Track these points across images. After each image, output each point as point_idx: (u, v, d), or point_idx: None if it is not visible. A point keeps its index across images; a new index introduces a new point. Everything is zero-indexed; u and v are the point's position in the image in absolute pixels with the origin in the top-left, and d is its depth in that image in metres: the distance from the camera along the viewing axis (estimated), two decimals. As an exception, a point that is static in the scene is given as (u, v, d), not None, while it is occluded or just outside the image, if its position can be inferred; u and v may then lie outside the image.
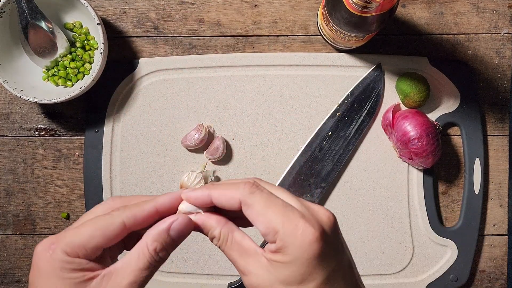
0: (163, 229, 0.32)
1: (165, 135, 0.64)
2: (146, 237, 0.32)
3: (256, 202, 0.31)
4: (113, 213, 0.32)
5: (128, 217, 0.32)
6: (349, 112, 0.63)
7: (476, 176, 0.63)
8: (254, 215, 0.31)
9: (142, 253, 0.31)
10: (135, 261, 0.31)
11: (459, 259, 0.63)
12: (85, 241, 0.31)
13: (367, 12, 0.49)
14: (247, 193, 0.32)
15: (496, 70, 0.65)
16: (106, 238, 0.31)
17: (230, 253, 0.33)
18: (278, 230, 0.30)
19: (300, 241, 0.30)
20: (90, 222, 0.32)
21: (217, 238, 0.33)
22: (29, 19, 0.58)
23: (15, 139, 0.65)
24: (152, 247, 0.31)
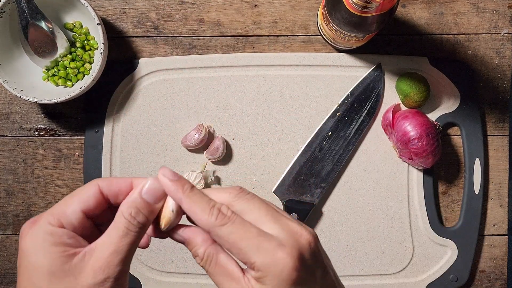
0: (135, 193, 0.32)
1: (165, 135, 0.64)
2: (120, 206, 0.32)
3: (228, 234, 0.30)
4: (90, 181, 0.33)
5: (103, 181, 0.33)
6: (349, 112, 0.63)
7: (476, 176, 0.63)
8: (227, 246, 0.31)
9: (119, 221, 0.31)
10: (113, 231, 0.31)
11: (459, 259, 0.63)
12: (64, 207, 0.31)
13: (367, 12, 0.49)
14: (218, 224, 0.31)
15: (496, 70, 0.65)
16: (84, 201, 0.32)
17: (213, 274, 0.32)
18: (254, 261, 0.30)
19: (279, 271, 0.30)
20: (69, 194, 0.33)
21: (200, 258, 0.32)
22: (29, 19, 0.58)
23: (15, 139, 0.65)
24: (127, 212, 0.31)
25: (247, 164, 0.64)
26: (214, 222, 0.31)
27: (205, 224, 0.31)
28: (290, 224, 0.32)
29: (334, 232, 0.63)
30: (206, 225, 0.31)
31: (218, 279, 0.32)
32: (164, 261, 0.63)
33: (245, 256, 0.30)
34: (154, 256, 0.63)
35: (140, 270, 0.63)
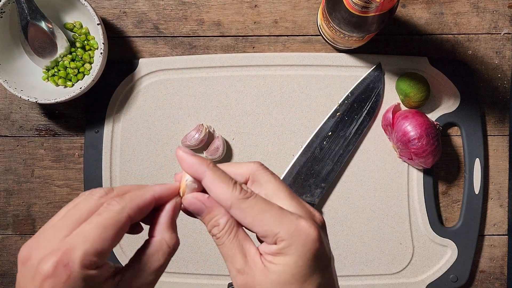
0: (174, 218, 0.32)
1: (165, 135, 0.64)
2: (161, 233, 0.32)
3: (250, 207, 0.30)
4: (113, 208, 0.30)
5: (133, 209, 0.30)
6: (349, 112, 0.63)
7: (476, 176, 0.63)
8: (248, 220, 0.30)
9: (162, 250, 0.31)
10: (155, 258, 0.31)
11: (459, 259, 0.63)
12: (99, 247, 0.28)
13: (367, 12, 0.49)
14: (241, 197, 0.31)
15: (496, 70, 0.65)
16: (117, 237, 0.29)
17: (229, 248, 0.31)
18: (277, 232, 0.30)
19: (304, 239, 0.30)
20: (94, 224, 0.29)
21: (222, 226, 0.31)
22: (29, 19, 0.58)
23: (15, 139, 0.65)
24: (173, 241, 0.31)
25: (247, 164, 0.64)
26: (238, 195, 0.30)
27: (228, 197, 0.30)
28: (304, 203, 0.33)
29: (334, 232, 0.63)
30: (229, 198, 0.30)
31: (232, 252, 0.31)
32: (164, 261, 0.63)
33: (269, 228, 0.30)
34: (154, 256, 0.63)
35: (140, 270, 0.63)
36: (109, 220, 0.29)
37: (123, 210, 0.30)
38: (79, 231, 0.28)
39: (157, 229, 0.32)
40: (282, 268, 0.30)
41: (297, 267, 0.29)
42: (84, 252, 0.27)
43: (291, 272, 0.29)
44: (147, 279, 0.30)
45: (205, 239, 0.63)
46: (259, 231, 0.30)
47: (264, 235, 0.30)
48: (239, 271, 0.31)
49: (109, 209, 0.30)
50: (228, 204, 0.31)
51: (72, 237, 0.28)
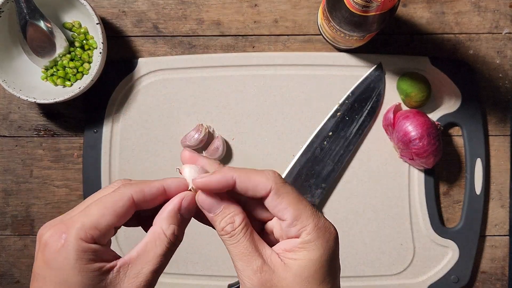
0: (175, 209, 0.31)
1: (165, 135, 0.64)
2: (159, 221, 0.31)
3: (287, 193, 0.31)
4: (120, 189, 0.31)
5: (137, 192, 0.31)
6: (349, 112, 0.63)
7: (477, 177, 0.63)
8: (283, 205, 0.31)
9: (159, 238, 0.30)
10: (152, 248, 0.30)
11: (460, 260, 0.63)
12: (96, 221, 0.29)
13: (367, 11, 0.48)
14: (280, 182, 0.31)
15: (497, 70, 0.64)
16: (117, 215, 0.30)
17: (246, 245, 0.30)
18: (307, 224, 0.30)
19: (328, 236, 0.30)
20: (98, 202, 0.30)
21: (238, 224, 0.31)
22: (28, 18, 0.58)
23: (14, 139, 0.65)
24: (170, 231, 0.31)
25: (247, 164, 0.63)
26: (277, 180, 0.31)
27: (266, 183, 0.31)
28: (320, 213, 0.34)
29: (334, 233, 0.63)
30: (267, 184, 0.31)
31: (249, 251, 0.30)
32: (164, 262, 0.63)
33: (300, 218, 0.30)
34: (153, 257, 0.63)
35: (140, 271, 0.63)
36: (111, 198, 0.30)
37: (127, 192, 0.30)
38: (85, 208, 0.30)
39: (157, 218, 0.31)
40: (305, 263, 0.30)
41: (320, 262, 0.30)
42: (81, 224, 0.29)
43: (314, 267, 0.30)
44: (144, 269, 0.30)
45: (205, 240, 0.63)
46: (290, 218, 0.31)
47: (293, 223, 0.30)
48: (257, 269, 0.30)
49: (116, 191, 0.31)
50: (268, 188, 0.31)
51: (77, 213, 0.30)
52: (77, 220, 0.29)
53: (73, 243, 0.28)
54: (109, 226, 0.30)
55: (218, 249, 0.63)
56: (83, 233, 0.28)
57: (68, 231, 0.28)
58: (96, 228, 0.29)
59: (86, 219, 0.29)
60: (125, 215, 0.30)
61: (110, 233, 0.30)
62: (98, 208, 0.30)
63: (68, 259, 0.28)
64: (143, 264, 0.30)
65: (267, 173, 0.31)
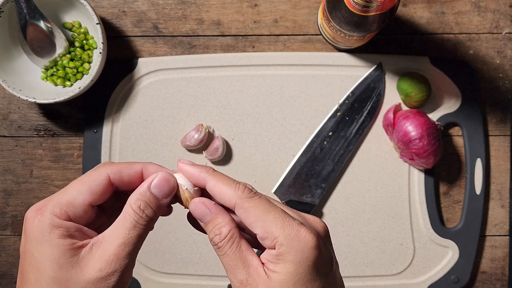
0: (144, 187, 0.32)
1: (165, 135, 0.64)
2: (129, 198, 0.32)
3: (254, 207, 0.31)
4: (99, 168, 0.32)
5: (114, 171, 0.32)
6: (349, 112, 0.63)
7: (477, 177, 0.63)
8: (251, 219, 0.30)
9: (127, 213, 0.31)
10: (122, 222, 0.31)
11: (460, 260, 0.63)
12: (71, 198, 0.31)
13: (368, 11, 0.48)
14: (245, 196, 0.31)
15: (497, 70, 0.64)
16: (93, 193, 0.31)
17: (231, 258, 0.31)
18: (277, 236, 0.30)
19: (302, 246, 0.29)
20: (76, 180, 0.32)
21: (224, 236, 0.31)
22: (28, 18, 0.58)
23: (14, 139, 0.65)
24: (136, 205, 0.31)
25: (247, 164, 0.63)
26: (241, 194, 0.31)
27: (232, 196, 0.31)
28: (305, 214, 0.33)
29: (334, 233, 0.63)
30: (233, 197, 0.31)
31: (234, 263, 0.31)
32: (164, 262, 0.63)
33: (269, 230, 0.30)
34: (153, 257, 0.63)
35: (139, 271, 0.63)
36: (89, 177, 0.32)
37: (104, 170, 0.32)
38: (64, 188, 0.32)
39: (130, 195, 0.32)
40: (283, 277, 0.29)
41: (298, 275, 0.29)
42: (57, 201, 0.30)
43: (293, 280, 0.29)
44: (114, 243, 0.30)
45: (205, 240, 0.63)
46: (260, 232, 0.30)
47: (263, 236, 0.30)
48: (241, 282, 0.30)
49: (95, 170, 0.32)
50: (233, 202, 0.31)
51: (56, 193, 0.32)
52: (55, 197, 0.31)
53: (48, 217, 0.30)
54: (84, 203, 0.31)
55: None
56: (58, 209, 0.30)
57: (45, 206, 0.30)
58: (71, 205, 0.31)
59: (63, 196, 0.31)
60: (102, 193, 0.32)
61: (88, 211, 0.31)
62: (75, 186, 0.31)
63: (42, 232, 0.30)
64: (113, 239, 0.31)
65: (236, 186, 0.31)
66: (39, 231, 0.30)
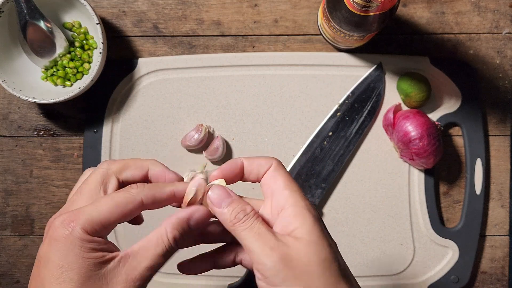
0: (184, 218, 0.33)
1: (165, 135, 0.64)
2: (166, 224, 0.33)
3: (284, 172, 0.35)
4: (132, 191, 0.33)
5: (147, 197, 0.33)
6: (349, 112, 0.63)
7: (477, 177, 0.63)
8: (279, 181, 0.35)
9: (161, 240, 0.32)
10: (153, 246, 0.32)
11: (460, 260, 0.63)
12: (104, 218, 0.31)
13: (368, 11, 0.48)
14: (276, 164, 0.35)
15: (497, 70, 0.64)
16: (124, 216, 0.32)
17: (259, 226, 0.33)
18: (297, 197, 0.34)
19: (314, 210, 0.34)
20: (108, 199, 0.32)
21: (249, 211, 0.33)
22: (28, 18, 0.58)
23: (14, 139, 0.65)
24: (172, 235, 0.32)
25: (247, 164, 0.63)
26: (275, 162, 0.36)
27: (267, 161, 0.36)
28: None
29: (334, 233, 0.63)
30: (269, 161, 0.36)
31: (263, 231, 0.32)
32: (164, 262, 0.63)
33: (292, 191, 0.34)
34: (153, 257, 0.63)
35: (140, 271, 0.63)
36: (123, 199, 0.32)
37: (138, 195, 0.33)
38: (95, 202, 0.32)
39: (165, 221, 0.33)
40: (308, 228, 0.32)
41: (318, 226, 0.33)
42: (90, 217, 0.31)
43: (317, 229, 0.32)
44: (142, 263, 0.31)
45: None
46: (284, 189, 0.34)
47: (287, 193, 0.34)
48: (274, 245, 0.32)
49: (128, 190, 0.33)
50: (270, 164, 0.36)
51: (87, 205, 0.32)
52: (86, 212, 0.31)
53: (79, 232, 0.30)
54: (114, 224, 0.32)
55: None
56: (89, 227, 0.31)
57: (76, 221, 0.30)
58: (102, 225, 0.31)
59: (94, 214, 0.31)
60: (131, 216, 0.33)
61: (113, 228, 0.32)
62: (108, 206, 0.32)
63: (73, 245, 0.30)
64: (141, 259, 0.31)
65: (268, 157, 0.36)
66: (70, 244, 0.30)
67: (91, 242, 0.30)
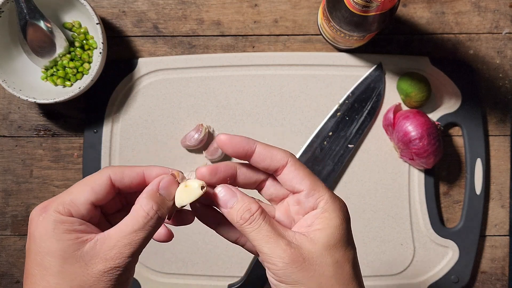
0: (154, 188, 0.33)
1: (165, 135, 0.64)
2: (138, 199, 0.33)
3: (303, 166, 0.34)
4: (101, 170, 0.34)
5: (115, 172, 0.33)
6: (349, 112, 0.63)
7: (477, 177, 0.63)
8: (301, 176, 0.33)
9: (137, 213, 0.32)
10: (130, 222, 0.32)
11: (461, 260, 0.63)
12: (74, 197, 0.32)
13: (368, 11, 0.48)
14: (295, 158, 0.34)
15: (497, 70, 0.64)
16: (95, 192, 0.32)
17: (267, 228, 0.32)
18: (324, 194, 0.33)
19: (342, 206, 0.34)
20: (79, 182, 0.33)
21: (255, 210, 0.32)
22: (28, 18, 0.58)
23: (14, 139, 0.65)
24: (148, 206, 0.32)
25: (247, 164, 0.63)
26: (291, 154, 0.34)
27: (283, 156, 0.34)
28: None
29: (334, 233, 0.63)
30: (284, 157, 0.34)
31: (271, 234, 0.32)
32: (164, 262, 0.63)
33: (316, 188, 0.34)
34: (153, 257, 0.63)
35: (139, 271, 0.63)
36: (91, 177, 0.33)
37: (106, 171, 0.33)
38: (68, 188, 0.33)
39: (138, 198, 0.33)
40: (330, 231, 0.32)
41: (342, 229, 0.33)
42: (61, 200, 0.32)
43: (338, 234, 0.32)
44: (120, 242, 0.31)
45: (205, 240, 0.63)
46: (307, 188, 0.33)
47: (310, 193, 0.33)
48: (285, 247, 0.31)
49: (98, 172, 0.34)
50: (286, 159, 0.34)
51: (61, 193, 0.33)
52: (58, 197, 0.32)
53: (51, 214, 0.31)
54: (86, 202, 0.32)
55: (218, 249, 0.63)
56: (61, 207, 0.31)
57: (49, 206, 0.32)
58: (74, 204, 0.32)
59: (66, 195, 0.32)
60: (104, 193, 0.33)
61: (90, 210, 0.32)
62: (78, 186, 0.33)
63: (46, 229, 0.31)
64: (119, 238, 0.31)
65: (283, 150, 0.35)
66: (44, 228, 0.31)
67: (64, 222, 0.31)
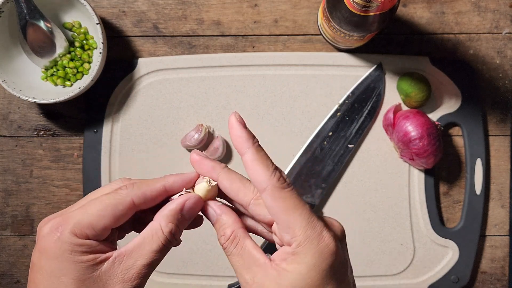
0: (177, 209, 0.32)
1: (165, 135, 0.64)
2: (159, 218, 0.31)
3: (283, 199, 0.30)
4: (121, 191, 0.31)
5: (138, 196, 0.31)
6: (349, 112, 0.63)
7: (477, 177, 0.63)
8: (276, 210, 0.30)
9: (156, 235, 0.31)
10: (148, 242, 0.31)
11: (461, 260, 0.63)
12: (93, 221, 0.30)
13: (368, 11, 0.48)
14: (278, 185, 0.30)
15: (497, 70, 0.64)
16: (115, 218, 0.30)
17: (236, 259, 0.31)
18: (298, 234, 0.29)
19: (321, 250, 0.29)
20: (98, 201, 0.31)
21: (227, 238, 0.31)
22: (28, 18, 0.58)
23: (14, 139, 0.65)
24: (168, 229, 0.31)
25: (247, 164, 0.63)
26: (275, 182, 0.30)
27: (264, 180, 0.30)
28: (323, 216, 0.32)
29: (334, 233, 0.63)
30: (265, 182, 0.30)
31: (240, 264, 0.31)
32: (164, 262, 0.63)
33: (292, 226, 0.29)
34: (153, 257, 0.63)
35: (140, 271, 0.63)
36: (112, 200, 0.31)
37: (128, 195, 0.31)
38: (85, 205, 0.31)
39: (157, 215, 0.32)
40: (295, 277, 0.29)
41: (310, 277, 0.29)
42: (78, 221, 0.30)
43: (304, 281, 0.29)
44: (138, 262, 0.30)
45: (205, 240, 0.63)
46: (281, 226, 0.30)
47: (283, 231, 0.30)
48: (247, 282, 0.30)
49: (117, 192, 0.31)
50: (263, 187, 0.30)
51: (76, 210, 0.30)
52: (75, 216, 0.30)
53: (67, 237, 0.29)
54: (105, 227, 0.30)
55: (218, 249, 0.63)
56: (78, 230, 0.29)
57: (65, 225, 0.29)
58: (92, 228, 0.30)
59: (83, 217, 0.30)
60: (124, 218, 0.31)
61: (107, 232, 0.31)
62: (97, 208, 0.30)
63: (63, 250, 0.29)
64: (137, 257, 0.30)
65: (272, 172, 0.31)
66: (60, 250, 0.29)
67: (82, 245, 0.29)
